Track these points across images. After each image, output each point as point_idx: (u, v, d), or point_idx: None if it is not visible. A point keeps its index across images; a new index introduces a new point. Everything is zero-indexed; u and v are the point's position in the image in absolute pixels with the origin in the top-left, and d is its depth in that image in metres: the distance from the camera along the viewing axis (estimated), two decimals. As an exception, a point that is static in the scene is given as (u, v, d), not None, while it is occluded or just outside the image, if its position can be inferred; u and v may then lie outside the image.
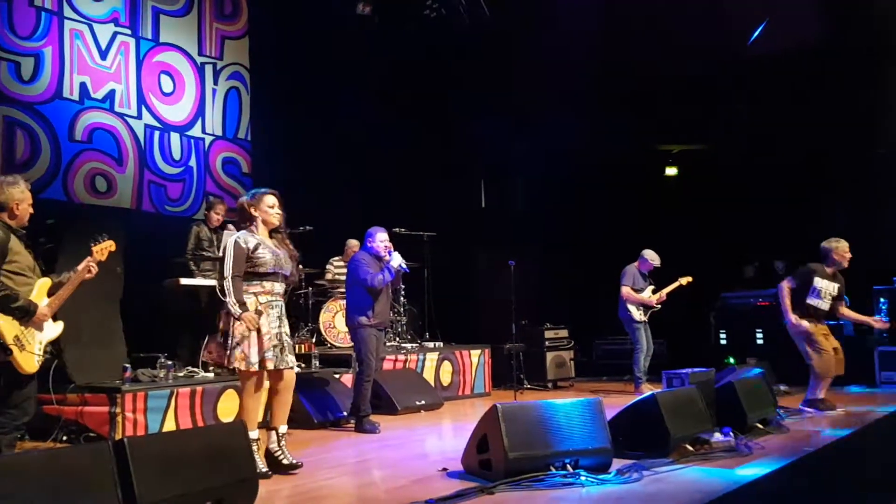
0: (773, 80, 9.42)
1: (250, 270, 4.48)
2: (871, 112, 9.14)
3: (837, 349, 6.72)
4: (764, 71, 9.24)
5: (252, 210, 4.62)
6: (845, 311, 6.86)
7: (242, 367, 4.40)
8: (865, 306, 8.79)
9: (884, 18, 8.50)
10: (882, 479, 6.00)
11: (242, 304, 4.40)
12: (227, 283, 4.42)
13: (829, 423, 5.93)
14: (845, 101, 9.18)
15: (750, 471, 4.17)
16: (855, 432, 5.50)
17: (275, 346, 4.46)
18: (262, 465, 4.35)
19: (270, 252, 4.53)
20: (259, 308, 4.45)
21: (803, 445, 4.92)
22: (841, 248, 6.68)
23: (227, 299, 4.41)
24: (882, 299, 8.67)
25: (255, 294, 4.48)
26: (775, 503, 4.16)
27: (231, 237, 4.60)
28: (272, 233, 4.67)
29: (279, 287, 4.58)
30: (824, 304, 6.69)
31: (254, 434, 4.38)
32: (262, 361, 4.41)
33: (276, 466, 4.50)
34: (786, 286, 6.73)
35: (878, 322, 7.01)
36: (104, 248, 4.64)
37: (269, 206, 4.62)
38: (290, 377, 4.60)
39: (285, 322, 4.61)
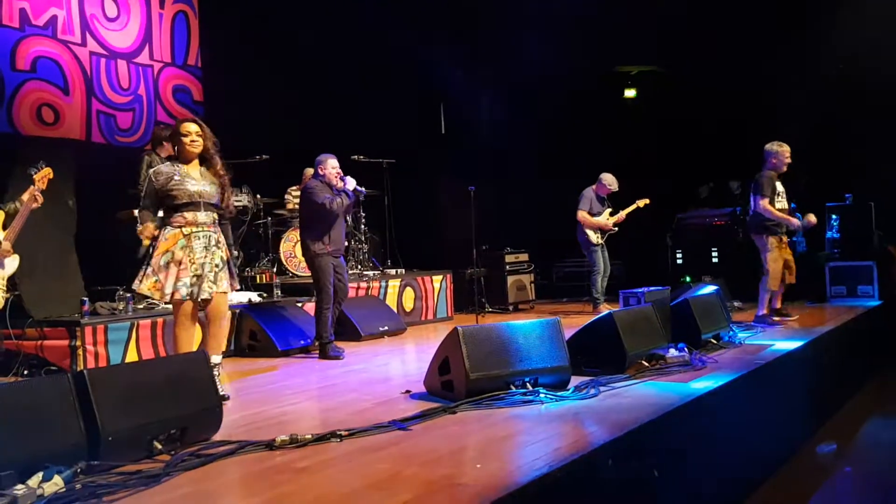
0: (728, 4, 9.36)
1: (169, 204, 4.41)
2: (823, 33, 9.16)
3: (789, 259, 6.94)
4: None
5: (172, 141, 4.60)
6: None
7: (157, 297, 4.42)
8: (819, 223, 9.02)
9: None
10: (829, 392, 6.27)
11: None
12: (139, 214, 4.52)
13: (780, 336, 6.11)
14: (797, 23, 9.20)
15: (703, 384, 4.29)
16: (804, 345, 5.69)
17: (195, 276, 4.34)
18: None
19: (183, 184, 4.38)
20: (182, 240, 4.34)
21: (754, 359, 5.06)
22: (783, 152, 6.86)
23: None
24: (833, 216, 8.87)
25: (180, 227, 4.37)
26: (727, 414, 4.32)
27: (151, 169, 4.59)
28: (202, 161, 4.53)
29: (203, 216, 4.41)
30: (784, 203, 6.89)
31: None
32: (173, 293, 4.31)
33: None
34: (766, 203, 6.72)
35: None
36: (43, 175, 4.67)
37: (183, 136, 4.46)
38: (215, 307, 4.45)
39: (216, 251, 4.44)
